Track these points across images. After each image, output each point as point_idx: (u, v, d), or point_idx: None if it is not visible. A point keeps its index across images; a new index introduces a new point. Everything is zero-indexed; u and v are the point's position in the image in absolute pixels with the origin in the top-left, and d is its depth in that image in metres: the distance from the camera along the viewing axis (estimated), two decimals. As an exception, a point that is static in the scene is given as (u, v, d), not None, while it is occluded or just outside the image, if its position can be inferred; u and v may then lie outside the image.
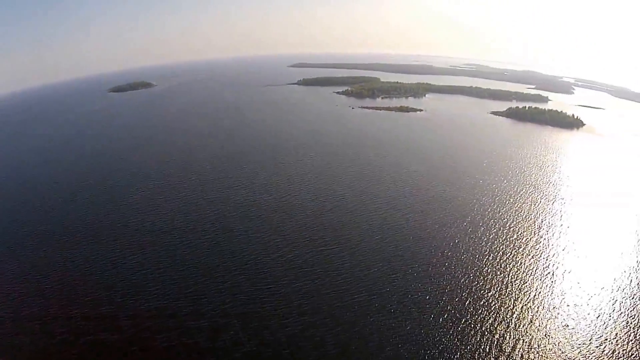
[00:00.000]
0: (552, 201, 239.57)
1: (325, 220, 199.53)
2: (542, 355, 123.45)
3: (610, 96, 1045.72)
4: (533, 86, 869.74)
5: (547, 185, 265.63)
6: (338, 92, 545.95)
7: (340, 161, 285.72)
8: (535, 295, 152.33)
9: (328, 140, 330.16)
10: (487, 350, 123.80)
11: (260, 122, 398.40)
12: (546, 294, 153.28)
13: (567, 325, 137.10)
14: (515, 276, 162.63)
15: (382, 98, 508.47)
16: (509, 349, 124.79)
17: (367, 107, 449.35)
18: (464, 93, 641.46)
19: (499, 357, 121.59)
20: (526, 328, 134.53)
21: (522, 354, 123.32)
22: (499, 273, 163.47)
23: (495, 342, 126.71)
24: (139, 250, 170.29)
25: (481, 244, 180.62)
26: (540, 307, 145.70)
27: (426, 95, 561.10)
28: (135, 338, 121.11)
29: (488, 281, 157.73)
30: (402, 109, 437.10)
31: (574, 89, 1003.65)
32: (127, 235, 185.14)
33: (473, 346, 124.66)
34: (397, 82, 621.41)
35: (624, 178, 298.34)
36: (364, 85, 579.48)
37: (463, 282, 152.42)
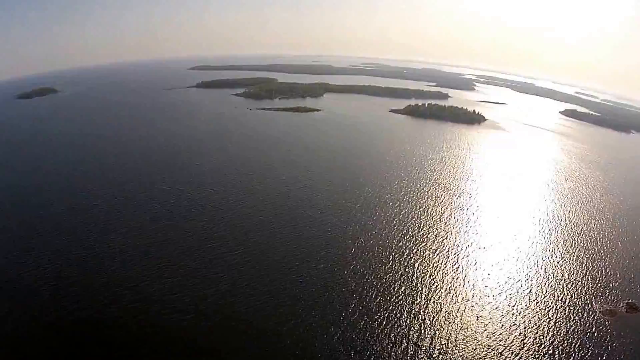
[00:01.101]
0: (454, 195, 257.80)
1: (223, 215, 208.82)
2: (459, 347, 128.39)
3: (514, 91, 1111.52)
4: (433, 84, 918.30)
5: (448, 180, 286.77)
6: (236, 94, 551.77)
7: (235, 162, 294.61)
8: (446, 289, 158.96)
9: (219, 144, 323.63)
10: (404, 347, 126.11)
11: (155, 126, 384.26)
12: (457, 288, 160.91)
13: (481, 316, 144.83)
14: (425, 272, 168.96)
15: (279, 99, 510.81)
16: (427, 344, 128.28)
17: (264, 109, 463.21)
18: (363, 92, 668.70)
19: (416, 352, 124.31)
20: (441, 322, 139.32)
21: (439, 348, 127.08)
22: (407, 270, 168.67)
23: (411, 339, 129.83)
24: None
25: (387, 242, 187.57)
26: (453, 301, 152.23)
27: (324, 95, 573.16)
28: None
29: (397, 279, 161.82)
30: (299, 110, 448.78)
31: (475, 86, 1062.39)
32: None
33: (389, 344, 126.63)
34: (295, 82, 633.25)
35: (524, 170, 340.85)
36: (262, 86, 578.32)
37: (371, 281, 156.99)
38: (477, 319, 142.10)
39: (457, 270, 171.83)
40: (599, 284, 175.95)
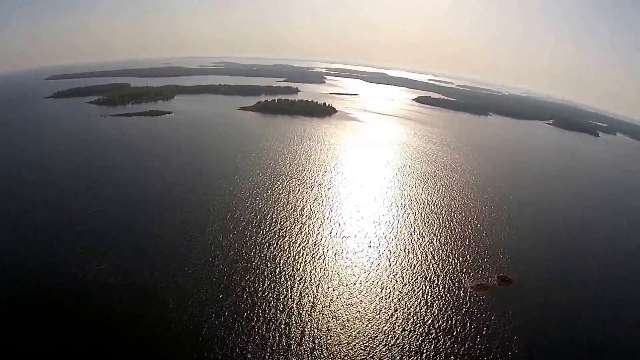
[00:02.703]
0: (311, 188, 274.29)
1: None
2: (334, 335, 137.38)
3: (366, 82, 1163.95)
4: (283, 79, 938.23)
5: (304, 173, 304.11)
6: (91, 102, 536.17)
7: (81, 171, 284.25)
8: (313, 281, 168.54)
9: (67, 155, 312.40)
10: (279, 342, 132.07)
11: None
12: (324, 278, 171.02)
13: (352, 304, 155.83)
14: (290, 266, 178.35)
15: (132, 104, 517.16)
16: (301, 336, 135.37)
17: (117, 115, 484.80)
18: (213, 92, 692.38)
19: (291, 345, 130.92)
20: (312, 313, 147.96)
21: (314, 339, 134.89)
22: (272, 266, 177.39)
23: (285, 333, 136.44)
24: None
25: (248, 240, 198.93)
26: (321, 291, 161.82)
27: (175, 97, 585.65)
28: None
29: (263, 276, 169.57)
30: (151, 113, 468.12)
31: (326, 79, 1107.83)
32: None
33: (263, 340, 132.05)
34: (147, 86, 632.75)
35: (379, 158, 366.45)
36: (115, 92, 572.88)
37: (238, 280, 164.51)
38: (348, 306, 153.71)
39: (322, 261, 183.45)
40: (469, 261, 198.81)
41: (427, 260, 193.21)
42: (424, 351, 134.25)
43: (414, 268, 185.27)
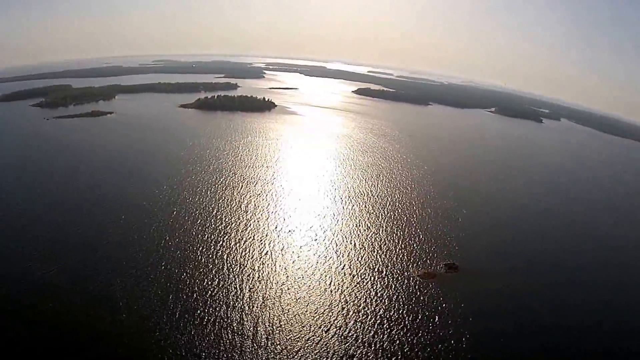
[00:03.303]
0: (253, 183, 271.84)
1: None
2: (285, 330, 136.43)
3: (305, 76, 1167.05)
4: (222, 75, 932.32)
5: (245, 169, 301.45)
6: (33, 105, 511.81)
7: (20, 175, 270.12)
8: (260, 277, 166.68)
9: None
10: (230, 339, 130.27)
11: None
12: (271, 273, 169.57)
13: (300, 298, 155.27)
14: (237, 263, 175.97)
15: (74, 105, 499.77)
16: (252, 332, 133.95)
17: (61, 117, 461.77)
18: (153, 90, 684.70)
19: (243, 342, 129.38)
20: (262, 309, 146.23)
21: (266, 335, 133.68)
22: (218, 263, 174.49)
23: (236, 330, 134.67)
24: None
25: (193, 238, 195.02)
26: (269, 287, 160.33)
27: (116, 97, 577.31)
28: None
29: (210, 274, 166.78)
30: (93, 114, 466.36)
31: (265, 73, 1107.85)
32: None
33: (213, 338, 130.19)
34: (89, 87, 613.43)
35: (319, 151, 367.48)
36: (57, 94, 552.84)
37: (185, 279, 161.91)
38: (297, 301, 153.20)
39: (269, 257, 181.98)
40: (415, 250, 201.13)
41: (374, 251, 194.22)
42: (378, 342, 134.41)
43: (361, 259, 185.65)
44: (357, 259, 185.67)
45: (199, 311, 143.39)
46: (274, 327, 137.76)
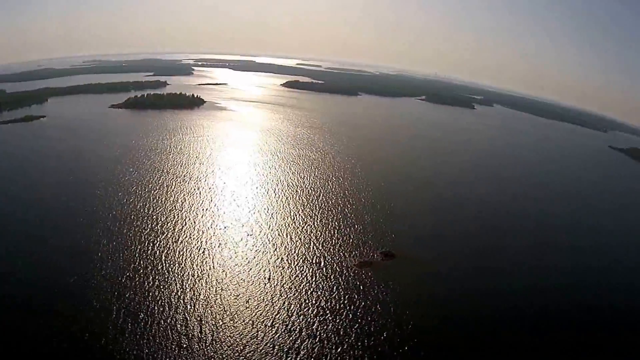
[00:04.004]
0: (186, 181, 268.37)
1: None
2: (228, 328, 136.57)
3: (234, 71, 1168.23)
4: (152, 73, 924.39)
5: (177, 167, 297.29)
6: None
7: None
8: (198, 275, 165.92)
9: None
10: (176, 340, 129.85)
11: None
12: (209, 271, 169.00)
13: (240, 294, 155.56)
14: (174, 262, 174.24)
15: (8, 111, 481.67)
16: (196, 332, 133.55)
17: None
18: (86, 91, 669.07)
19: (189, 343, 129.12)
20: (203, 308, 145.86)
21: (210, 333, 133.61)
22: (156, 264, 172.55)
23: (180, 331, 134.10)
24: None
25: (128, 239, 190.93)
26: (208, 285, 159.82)
27: (49, 100, 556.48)
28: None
29: (149, 275, 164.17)
30: (26, 119, 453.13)
31: (194, 70, 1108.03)
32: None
33: (159, 339, 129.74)
34: (23, 91, 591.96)
35: (250, 145, 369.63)
36: None
37: (125, 282, 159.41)
38: (237, 297, 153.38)
39: (205, 254, 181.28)
40: (351, 240, 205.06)
41: (310, 243, 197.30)
42: (322, 333, 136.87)
43: (298, 252, 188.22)
44: (294, 252, 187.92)
45: (142, 315, 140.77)
46: (218, 325, 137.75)
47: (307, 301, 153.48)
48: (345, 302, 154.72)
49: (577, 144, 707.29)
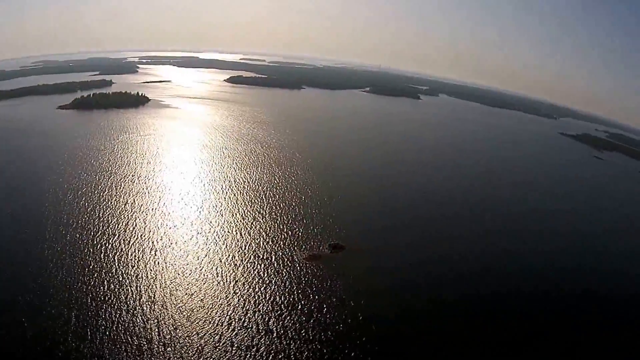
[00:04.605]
0: (132, 181, 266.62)
1: None
2: (185, 327, 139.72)
3: (178, 67, 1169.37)
4: (97, 72, 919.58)
5: (124, 167, 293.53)
6: None
7: None
8: (151, 276, 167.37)
9: None
10: (128, 340, 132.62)
11: None
12: (160, 271, 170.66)
13: (193, 293, 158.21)
14: (127, 264, 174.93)
15: None
16: (154, 334, 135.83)
17: None
18: (34, 93, 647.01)
19: (140, 344, 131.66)
20: (158, 309, 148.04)
21: (169, 334, 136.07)
22: (106, 265, 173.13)
23: (132, 331, 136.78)
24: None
25: (76, 242, 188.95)
26: (161, 285, 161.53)
27: None
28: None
29: (99, 277, 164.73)
30: None
31: (139, 68, 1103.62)
32: None
33: (112, 341, 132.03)
34: None
35: (195, 143, 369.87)
36: None
37: (80, 286, 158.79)
38: (190, 296, 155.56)
39: (155, 254, 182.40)
40: (299, 234, 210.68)
41: (258, 239, 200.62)
42: (279, 329, 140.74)
43: (248, 248, 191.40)
44: (244, 248, 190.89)
45: (95, 317, 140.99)
46: (176, 326, 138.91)
47: (260, 297, 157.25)
48: (299, 296, 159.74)
49: (527, 130, 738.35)
